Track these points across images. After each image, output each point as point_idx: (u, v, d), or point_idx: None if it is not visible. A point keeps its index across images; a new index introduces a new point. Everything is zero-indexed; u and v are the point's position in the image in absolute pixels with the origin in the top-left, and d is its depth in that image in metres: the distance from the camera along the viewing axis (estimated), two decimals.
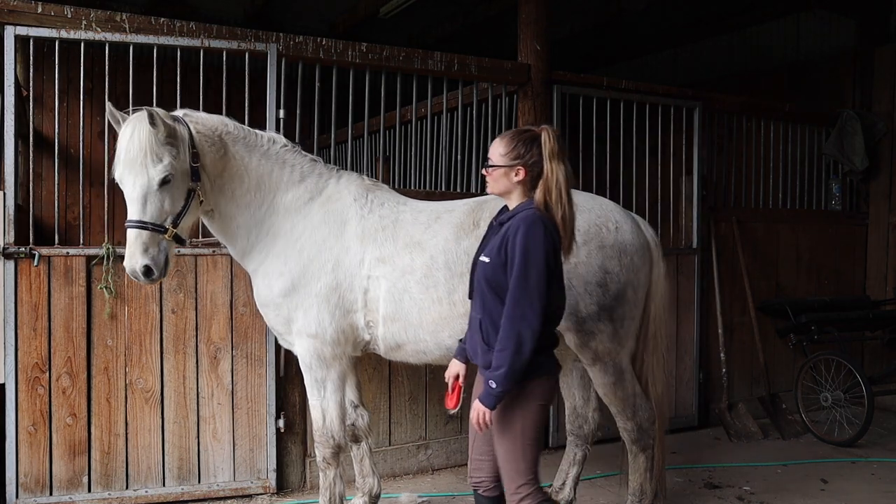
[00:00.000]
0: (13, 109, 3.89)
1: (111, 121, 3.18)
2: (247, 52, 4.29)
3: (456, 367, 2.91)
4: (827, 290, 6.70)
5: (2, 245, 3.85)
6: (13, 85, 3.95)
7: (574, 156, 5.50)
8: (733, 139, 6.53)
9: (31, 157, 5.24)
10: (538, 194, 2.67)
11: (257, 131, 3.54)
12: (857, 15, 7.12)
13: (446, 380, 2.91)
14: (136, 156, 3.03)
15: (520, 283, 2.56)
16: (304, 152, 3.62)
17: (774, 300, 6.24)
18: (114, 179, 3.15)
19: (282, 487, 4.37)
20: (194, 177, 3.21)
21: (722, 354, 5.91)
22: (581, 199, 3.63)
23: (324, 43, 4.49)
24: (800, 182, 6.74)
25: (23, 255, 3.88)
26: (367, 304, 3.43)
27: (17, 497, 3.88)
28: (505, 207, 2.87)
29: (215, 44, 4.21)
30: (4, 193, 3.87)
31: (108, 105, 3.19)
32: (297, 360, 4.17)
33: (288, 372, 4.35)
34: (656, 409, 3.65)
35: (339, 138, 6.71)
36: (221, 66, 4.23)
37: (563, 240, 2.68)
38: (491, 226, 2.87)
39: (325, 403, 3.46)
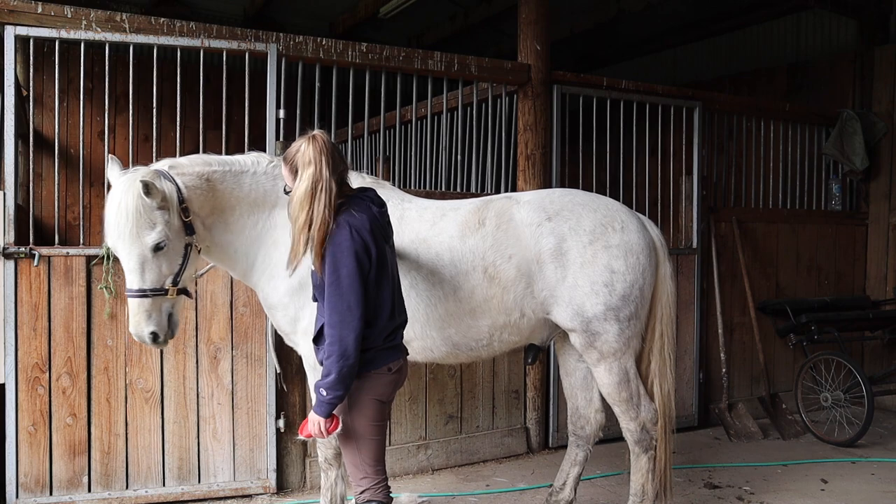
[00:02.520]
0: (13, 109, 3.89)
1: (110, 178, 3.04)
2: (247, 52, 4.29)
3: None
4: (827, 290, 6.70)
5: (2, 245, 3.85)
6: (13, 85, 3.94)
7: (574, 156, 5.53)
8: (733, 139, 6.54)
9: (31, 157, 5.24)
10: None
11: (239, 157, 3.38)
12: (857, 15, 7.12)
13: None
14: (127, 227, 2.89)
15: (333, 288, 2.59)
16: None
17: (774, 300, 6.24)
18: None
19: (282, 487, 4.37)
20: (188, 231, 3.07)
21: (722, 354, 5.91)
22: (587, 198, 3.64)
23: (324, 43, 4.49)
24: (800, 182, 6.74)
25: (23, 255, 3.88)
26: None
27: (17, 497, 3.88)
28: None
29: (215, 44, 4.21)
30: (4, 193, 3.87)
31: (109, 157, 3.04)
32: (297, 360, 4.19)
33: (288, 372, 4.35)
34: (663, 410, 3.65)
35: (339, 138, 6.71)
36: (221, 65, 4.23)
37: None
38: None
39: None
